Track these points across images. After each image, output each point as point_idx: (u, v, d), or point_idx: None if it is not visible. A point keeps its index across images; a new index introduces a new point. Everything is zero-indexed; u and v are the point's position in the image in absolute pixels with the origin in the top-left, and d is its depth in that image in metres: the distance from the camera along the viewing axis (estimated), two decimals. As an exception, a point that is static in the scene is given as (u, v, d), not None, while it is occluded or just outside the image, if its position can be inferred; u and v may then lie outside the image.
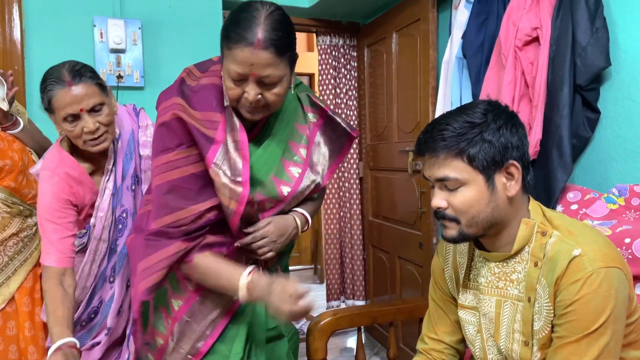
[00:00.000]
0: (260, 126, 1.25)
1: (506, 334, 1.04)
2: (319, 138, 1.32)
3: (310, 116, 1.32)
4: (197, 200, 1.15)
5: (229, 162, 1.14)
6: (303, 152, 1.28)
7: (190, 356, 1.22)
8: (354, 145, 3.31)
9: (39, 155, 1.76)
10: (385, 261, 3.07)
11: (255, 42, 1.03)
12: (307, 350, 1.58)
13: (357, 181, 3.34)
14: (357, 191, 3.34)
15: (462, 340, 1.23)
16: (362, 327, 1.81)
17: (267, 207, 1.22)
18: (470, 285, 1.15)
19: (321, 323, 1.58)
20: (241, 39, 1.03)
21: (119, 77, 2.62)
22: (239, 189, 1.13)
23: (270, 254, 1.22)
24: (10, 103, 1.64)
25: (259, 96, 1.10)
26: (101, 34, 2.58)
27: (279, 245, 1.23)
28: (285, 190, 1.23)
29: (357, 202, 3.34)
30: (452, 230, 1.03)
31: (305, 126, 1.30)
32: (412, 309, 1.81)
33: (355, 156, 3.32)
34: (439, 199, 1.02)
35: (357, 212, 3.34)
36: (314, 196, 1.32)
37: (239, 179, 1.14)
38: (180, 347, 1.23)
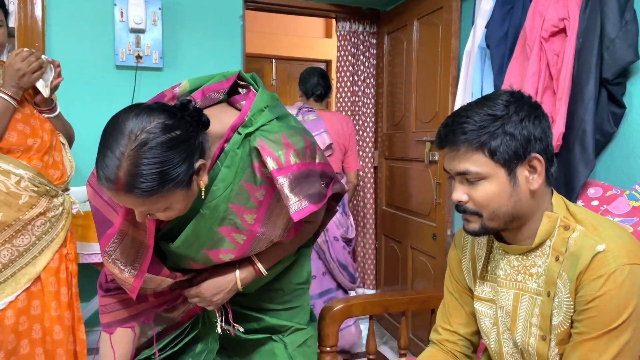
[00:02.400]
0: None
1: (523, 327, 1.03)
2: (273, 202, 1.10)
3: (261, 179, 1.07)
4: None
5: (125, 253, 1.08)
6: (249, 217, 1.08)
7: None
8: (370, 134, 3.29)
9: (65, 138, 1.80)
10: (397, 251, 3.06)
11: (116, 187, 0.89)
12: (319, 336, 1.58)
13: (372, 170, 3.32)
14: (372, 180, 3.32)
15: (477, 333, 1.22)
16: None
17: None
18: (487, 278, 1.13)
19: (333, 310, 1.58)
20: (101, 181, 0.90)
21: (138, 57, 2.63)
22: (129, 281, 1.09)
23: (210, 308, 1.21)
24: (53, 91, 1.67)
25: (154, 215, 0.98)
26: (121, 12, 2.59)
27: (218, 301, 1.19)
28: (227, 257, 1.14)
29: (371, 191, 3.32)
30: (474, 224, 1.01)
31: (256, 187, 1.07)
32: (424, 300, 1.80)
33: (370, 145, 3.30)
34: (460, 193, 1.00)
35: (371, 201, 3.33)
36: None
37: (133, 272, 1.08)
38: None
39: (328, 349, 1.58)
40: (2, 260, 1.56)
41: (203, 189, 0.99)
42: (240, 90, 1.18)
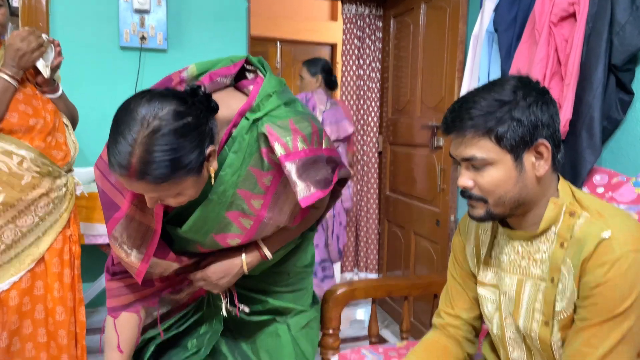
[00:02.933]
0: None
1: (526, 313, 1.03)
2: (280, 187, 1.10)
3: (269, 165, 1.08)
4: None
5: (131, 237, 1.08)
6: (256, 203, 1.09)
7: None
8: (375, 119, 3.28)
9: (69, 120, 1.79)
10: (400, 236, 3.06)
11: (128, 173, 0.89)
12: (322, 319, 1.59)
13: (376, 155, 3.31)
14: (376, 165, 3.31)
15: (479, 317, 1.22)
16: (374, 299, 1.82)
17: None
18: (491, 263, 1.13)
19: (337, 293, 1.59)
20: (113, 167, 0.90)
21: (143, 38, 2.61)
22: (135, 265, 1.10)
23: (216, 291, 1.22)
24: (54, 71, 1.66)
25: (164, 200, 0.99)
26: (126, -7, 2.56)
27: (224, 284, 1.20)
28: (234, 242, 1.14)
29: (375, 176, 3.32)
30: (479, 210, 1.01)
31: (263, 173, 1.08)
32: (427, 285, 1.81)
33: (375, 130, 3.29)
34: (466, 179, 1.00)
35: (375, 186, 3.32)
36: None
37: (139, 256, 1.09)
38: None
39: (331, 331, 1.59)
40: (5, 241, 1.57)
41: (213, 175, 0.99)
42: (248, 74, 1.17)
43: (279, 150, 1.02)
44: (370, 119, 3.28)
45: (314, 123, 1.10)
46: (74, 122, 1.84)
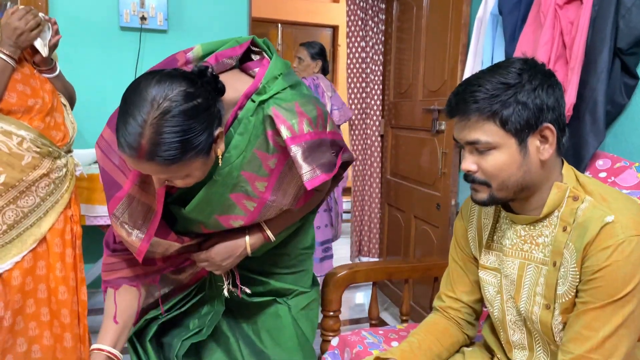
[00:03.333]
0: None
1: (527, 296, 1.04)
2: (285, 170, 1.10)
3: (274, 148, 1.07)
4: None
5: (132, 217, 1.08)
6: (260, 185, 1.09)
7: None
8: (377, 102, 3.26)
9: (67, 99, 1.78)
10: (400, 220, 3.07)
11: (138, 155, 0.88)
12: (322, 301, 1.60)
13: (379, 139, 3.29)
14: (378, 149, 3.30)
15: (480, 300, 1.23)
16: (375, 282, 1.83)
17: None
18: (493, 247, 1.13)
19: (338, 275, 1.59)
20: (123, 148, 0.89)
21: (143, 18, 2.58)
22: (136, 245, 1.10)
23: (218, 272, 1.22)
24: (52, 50, 1.65)
25: (172, 182, 0.99)
26: (126, -28, 2.53)
27: (227, 266, 1.20)
28: (237, 223, 1.14)
29: (378, 160, 3.31)
30: (482, 194, 1.01)
31: (268, 155, 1.08)
32: (427, 268, 1.82)
33: (378, 113, 3.27)
34: (469, 163, 0.99)
35: (377, 170, 3.32)
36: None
37: (140, 235, 1.08)
38: None
39: (331, 313, 1.60)
40: (7, 221, 1.57)
41: (220, 157, 0.99)
42: (253, 56, 1.17)
43: (285, 132, 1.02)
44: (372, 102, 3.26)
45: (318, 106, 1.10)
46: (71, 102, 1.83)
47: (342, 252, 3.72)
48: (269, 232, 1.20)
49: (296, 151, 1.03)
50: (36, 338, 1.66)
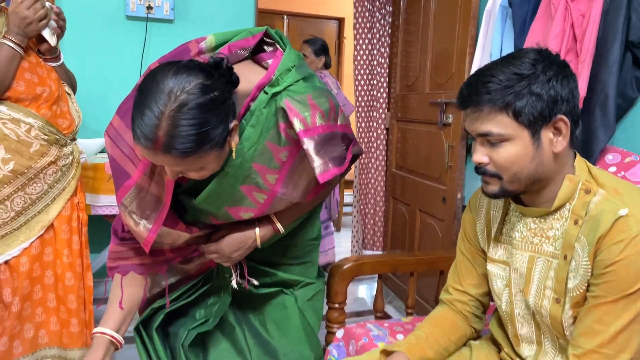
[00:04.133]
0: None
1: (537, 290, 1.03)
2: (296, 163, 1.10)
3: (285, 140, 1.07)
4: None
5: (141, 207, 1.07)
6: (271, 177, 1.08)
7: None
8: (384, 95, 3.24)
9: (70, 88, 1.79)
10: (405, 214, 3.06)
11: (154, 146, 0.88)
12: (328, 293, 1.60)
13: (385, 132, 3.28)
14: (384, 142, 3.29)
15: (487, 294, 1.22)
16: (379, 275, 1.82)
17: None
18: (502, 240, 1.13)
19: (343, 268, 1.59)
20: (138, 139, 0.89)
21: (149, 7, 2.57)
22: (143, 235, 1.09)
23: (227, 264, 1.22)
24: (58, 38, 1.66)
25: (186, 174, 0.98)
26: (133, -39, 2.52)
27: (237, 257, 1.20)
28: (247, 215, 1.14)
29: (383, 153, 3.30)
30: (493, 186, 0.99)
31: (279, 148, 1.07)
32: (433, 261, 1.82)
33: (384, 106, 3.25)
34: (481, 155, 0.98)
35: (383, 163, 3.30)
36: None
37: (148, 226, 1.08)
38: None
39: (337, 305, 1.60)
40: (15, 208, 1.57)
41: (234, 149, 0.99)
42: (266, 47, 1.16)
43: (297, 125, 1.02)
44: (379, 94, 3.25)
45: (331, 99, 1.09)
46: (73, 90, 1.84)
47: (344, 245, 3.72)
48: (278, 225, 1.20)
49: (309, 144, 1.03)
50: (43, 323, 1.67)
